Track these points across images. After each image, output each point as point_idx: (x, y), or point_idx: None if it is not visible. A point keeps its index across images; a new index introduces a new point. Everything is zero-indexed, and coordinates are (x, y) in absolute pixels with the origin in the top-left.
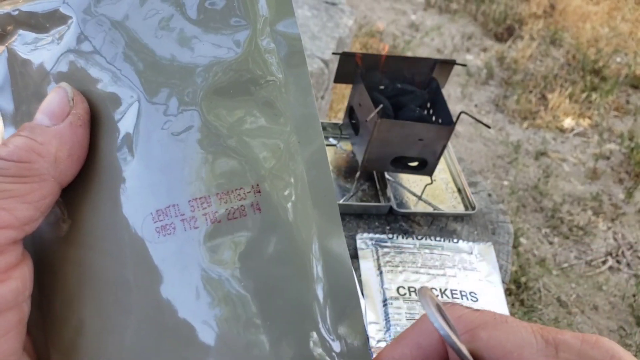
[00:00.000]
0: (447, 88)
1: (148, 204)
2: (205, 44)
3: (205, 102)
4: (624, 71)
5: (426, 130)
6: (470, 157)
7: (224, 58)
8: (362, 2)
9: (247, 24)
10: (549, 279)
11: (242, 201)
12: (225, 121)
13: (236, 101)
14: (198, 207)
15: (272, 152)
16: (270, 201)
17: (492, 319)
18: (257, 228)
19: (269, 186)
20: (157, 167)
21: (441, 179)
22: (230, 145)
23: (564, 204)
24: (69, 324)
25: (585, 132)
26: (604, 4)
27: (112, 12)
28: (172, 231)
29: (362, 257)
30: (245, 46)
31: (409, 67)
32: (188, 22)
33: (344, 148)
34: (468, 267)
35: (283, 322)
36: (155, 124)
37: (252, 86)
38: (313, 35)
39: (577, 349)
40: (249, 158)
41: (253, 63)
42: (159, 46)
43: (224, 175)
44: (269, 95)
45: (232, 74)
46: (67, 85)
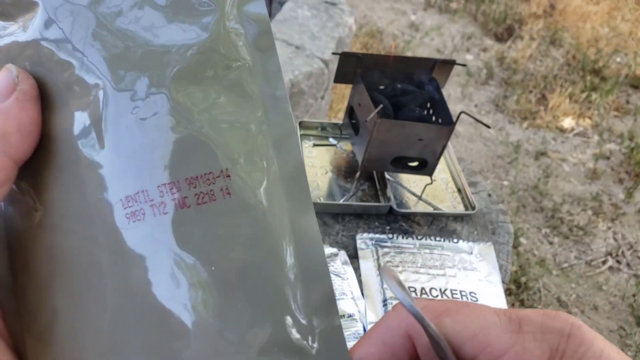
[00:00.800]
0: (447, 88)
1: (118, 190)
2: (173, 27)
3: (173, 86)
4: (624, 71)
5: (426, 130)
6: (470, 157)
7: (192, 42)
8: (362, 2)
9: (214, 7)
10: (549, 279)
11: (211, 186)
12: (194, 105)
13: (205, 85)
14: (167, 193)
15: (242, 136)
16: (240, 185)
17: (454, 305)
18: (227, 212)
19: (239, 170)
20: (126, 153)
21: (441, 179)
22: (199, 129)
23: (564, 204)
24: (43, 312)
25: (585, 132)
26: (604, 4)
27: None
28: (142, 217)
29: (362, 257)
30: (213, 29)
31: (409, 67)
32: (155, 6)
33: (344, 148)
34: (468, 267)
35: (255, 306)
36: (123, 110)
37: (220, 69)
38: (313, 35)
39: (539, 322)
40: (218, 142)
41: (221, 46)
42: (127, 31)
43: (192, 160)
44: (237, 79)
45: (200, 57)
46: (12, 65)
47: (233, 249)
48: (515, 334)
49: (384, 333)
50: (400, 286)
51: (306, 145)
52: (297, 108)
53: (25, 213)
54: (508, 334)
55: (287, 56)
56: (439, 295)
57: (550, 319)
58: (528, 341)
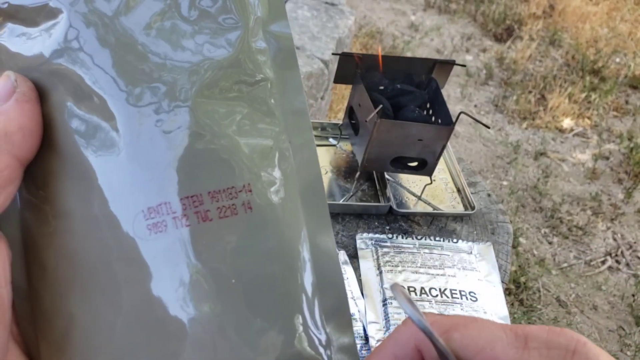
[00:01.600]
0: (447, 88)
1: (139, 201)
2: (198, 42)
3: (196, 101)
4: (623, 71)
5: (426, 131)
6: (469, 157)
7: (216, 57)
8: (362, 2)
9: (239, 23)
10: (548, 279)
11: (233, 200)
12: (217, 120)
13: (228, 100)
14: (190, 206)
15: (263, 151)
16: (261, 200)
17: (462, 320)
18: (248, 226)
19: (260, 185)
20: (148, 164)
21: (441, 179)
22: (222, 144)
23: (564, 204)
24: (59, 319)
25: (585, 132)
26: (603, 5)
27: (103, 7)
28: (164, 229)
29: (361, 257)
30: (237, 45)
31: (409, 68)
32: (181, 20)
33: (344, 148)
34: (467, 267)
35: (273, 319)
36: (146, 122)
37: (243, 85)
38: (313, 36)
39: (545, 338)
40: (240, 157)
41: (245, 62)
42: (151, 43)
43: (215, 174)
44: (260, 94)
45: (223, 72)
46: (10, 72)
47: (253, 263)
48: (521, 350)
49: (395, 346)
50: (409, 302)
51: None
52: None
53: (42, 220)
54: (514, 349)
55: None
56: (439, 295)
57: (556, 335)
58: (534, 357)
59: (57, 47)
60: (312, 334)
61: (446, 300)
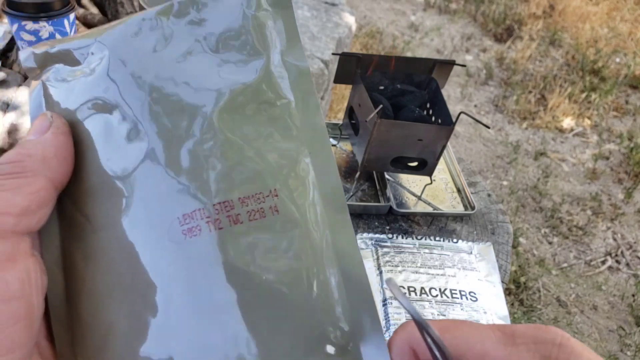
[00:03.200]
0: (447, 88)
1: (175, 209)
2: (225, 71)
3: (225, 121)
4: (623, 71)
5: (426, 131)
6: (469, 157)
7: (242, 83)
8: (362, 2)
9: (261, 53)
10: (548, 279)
11: (261, 204)
12: (244, 136)
13: (253, 119)
14: (222, 210)
15: (287, 161)
16: (287, 203)
17: (452, 323)
18: (276, 227)
19: (285, 190)
20: (183, 176)
21: (441, 179)
22: (249, 156)
23: (564, 204)
24: (98, 327)
25: (585, 132)
26: (603, 5)
27: (140, 46)
28: (198, 233)
29: (362, 256)
30: (260, 72)
31: (409, 68)
32: (210, 53)
33: (344, 148)
34: (467, 267)
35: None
36: (181, 140)
37: (267, 105)
38: (313, 36)
39: (531, 334)
40: (266, 166)
41: (267, 87)
42: (182, 75)
43: (244, 182)
44: (282, 113)
45: (248, 96)
46: (47, 112)
47: (282, 261)
48: (510, 347)
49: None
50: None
51: None
52: None
53: (82, 236)
54: (502, 346)
55: None
56: (439, 295)
57: (542, 331)
58: (522, 352)
59: (99, 83)
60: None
61: (446, 300)
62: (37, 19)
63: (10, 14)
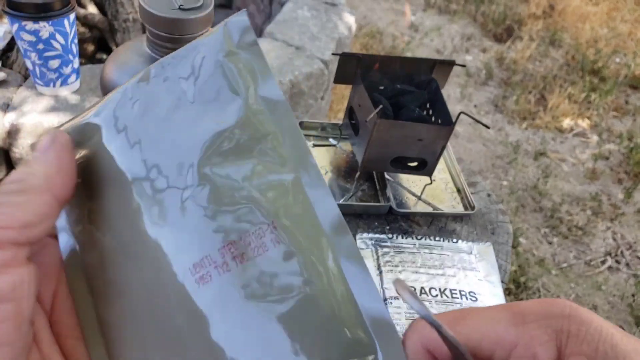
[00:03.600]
0: (447, 88)
1: (185, 260)
2: (207, 119)
3: (216, 167)
4: (623, 71)
5: (426, 131)
6: (469, 157)
7: (224, 127)
8: (362, 2)
9: (238, 95)
10: (548, 279)
11: (262, 239)
12: (237, 177)
13: (243, 159)
14: (227, 253)
15: (281, 192)
16: (287, 233)
17: (459, 313)
18: (280, 258)
19: (283, 221)
20: (187, 229)
21: (440, 179)
22: (244, 195)
23: (563, 204)
24: None
25: (585, 132)
26: (603, 5)
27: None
28: (209, 279)
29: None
30: (241, 113)
31: (409, 68)
32: (189, 105)
33: (344, 148)
34: (467, 266)
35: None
36: (176, 194)
37: (251, 142)
38: (313, 36)
39: (539, 310)
40: (262, 201)
41: (249, 125)
42: (169, 130)
43: (244, 221)
44: (268, 148)
45: (234, 137)
46: (51, 129)
47: (292, 289)
48: (521, 326)
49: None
50: (415, 298)
51: None
52: (297, 108)
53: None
54: (513, 327)
55: (287, 57)
56: (439, 294)
57: (549, 305)
58: (533, 329)
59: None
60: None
61: (446, 300)
62: (37, 19)
63: (11, 14)
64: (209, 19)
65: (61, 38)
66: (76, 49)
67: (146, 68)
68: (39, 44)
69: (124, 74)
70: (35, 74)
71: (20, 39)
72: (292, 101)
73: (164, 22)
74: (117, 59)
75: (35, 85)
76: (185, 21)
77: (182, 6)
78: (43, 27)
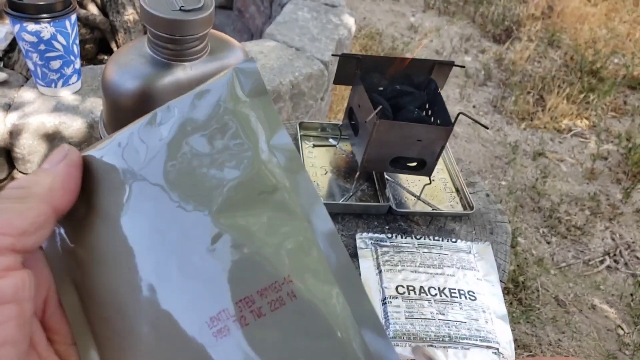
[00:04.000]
0: (446, 89)
1: (202, 314)
2: (217, 170)
3: (228, 220)
4: (621, 72)
5: (425, 131)
6: (468, 157)
7: (235, 178)
8: (362, 4)
9: (248, 145)
10: (546, 278)
11: (279, 293)
12: (250, 230)
13: (255, 210)
14: (244, 307)
15: (294, 246)
16: (302, 286)
17: None
18: (296, 312)
19: (298, 274)
20: (203, 281)
21: (440, 179)
22: (259, 248)
23: (562, 204)
24: None
25: (583, 132)
26: (602, 6)
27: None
28: (227, 333)
29: (361, 256)
30: (252, 163)
31: (408, 69)
32: (198, 154)
33: (344, 149)
34: (466, 266)
35: None
36: (195, 246)
37: (264, 194)
38: (313, 37)
39: None
40: (276, 256)
41: (261, 177)
42: (182, 181)
43: (259, 275)
44: (279, 199)
45: (246, 188)
46: (64, 144)
47: (309, 343)
48: None
49: None
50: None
51: (306, 146)
52: (297, 109)
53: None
54: None
55: (287, 58)
56: (438, 294)
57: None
58: None
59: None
60: None
61: (445, 299)
62: (38, 20)
63: (12, 15)
64: (209, 20)
65: (62, 39)
66: (77, 49)
67: (151, 113)
68: (40, 44)
69: (125, 75)
70: (37, 74)
71: (21, 39)
72: (292, 102)
73: (165, 23)
74: (118, 60)
75: (37, 85)
76: (186, 22)
77: (183, 7)
78: (44, 27)
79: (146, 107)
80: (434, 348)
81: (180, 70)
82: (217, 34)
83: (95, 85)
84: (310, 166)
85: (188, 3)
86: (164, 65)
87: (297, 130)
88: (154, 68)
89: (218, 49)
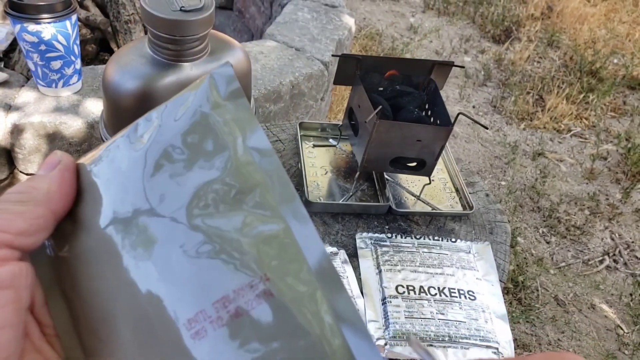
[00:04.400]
0: (446, 89)
1: (180, 316)
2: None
3: (207, 219)
4: (620, 72)
5: (425, 131)
6: (468, 157)
7: (213, 180)
8: (362, 4)
9: (225, 147)
10: (546, 278)
11: (256, 291)
12: (227, 229)
13: (232, 210)
14: (221, 308)
15: (272, 243)
16: (279, 285)
17: None
18: (274, 310)
19: (275, 272)
20: (180, 283)
21: (439, 179)
22: (236, 248)
23: (561, 204)
24: None
25: (583, 132)
26: (601, 6)
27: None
28: (205, 334)
29: (361, 256)
30: (227, 165)
31: (408, 69)
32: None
33: (344, 149)
34: (466, 266)
35: None
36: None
37: (241, 195)
38: (313, 38)
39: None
40: (253, 254)
41: (237, 177)
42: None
43: (236, 275)
44: (257, 199)
45: (224, 189)
46: (57, 150)
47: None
48: None
49: None
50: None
51: (306, 146)
52: (297, 109)
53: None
54: None
55: (287, 58)
56: (437, 293)
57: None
58: None
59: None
60: None
61: (445, 299)
62: (39, 21)
63: (13, 16)
64: (210, 21)
65: (63, 39)
66: (78, 50)
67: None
68: (41, 45)
69: (126, 75)
70: (37, 74)
71: (22, 40)
72: (292, 102)
73: (165, 23)
74: (119, 60)
75: (37, 86)
76: (187, 22)
77: (184, 8)
78: (45, 28)
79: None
80: (433, 348)
81: (180, 71)
82: (217, 35)
83: (96, 86)
84: (311, 166)
85: (188, 3)
86: (165, 66)
87: (297, 130)
88: (155, 68)
89: (218, 50)
